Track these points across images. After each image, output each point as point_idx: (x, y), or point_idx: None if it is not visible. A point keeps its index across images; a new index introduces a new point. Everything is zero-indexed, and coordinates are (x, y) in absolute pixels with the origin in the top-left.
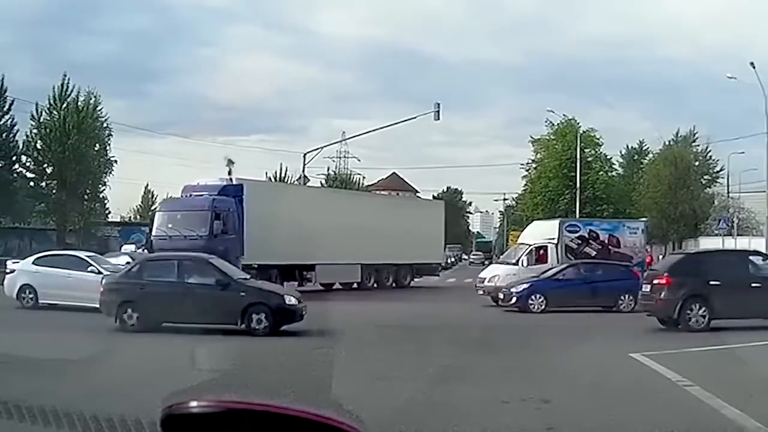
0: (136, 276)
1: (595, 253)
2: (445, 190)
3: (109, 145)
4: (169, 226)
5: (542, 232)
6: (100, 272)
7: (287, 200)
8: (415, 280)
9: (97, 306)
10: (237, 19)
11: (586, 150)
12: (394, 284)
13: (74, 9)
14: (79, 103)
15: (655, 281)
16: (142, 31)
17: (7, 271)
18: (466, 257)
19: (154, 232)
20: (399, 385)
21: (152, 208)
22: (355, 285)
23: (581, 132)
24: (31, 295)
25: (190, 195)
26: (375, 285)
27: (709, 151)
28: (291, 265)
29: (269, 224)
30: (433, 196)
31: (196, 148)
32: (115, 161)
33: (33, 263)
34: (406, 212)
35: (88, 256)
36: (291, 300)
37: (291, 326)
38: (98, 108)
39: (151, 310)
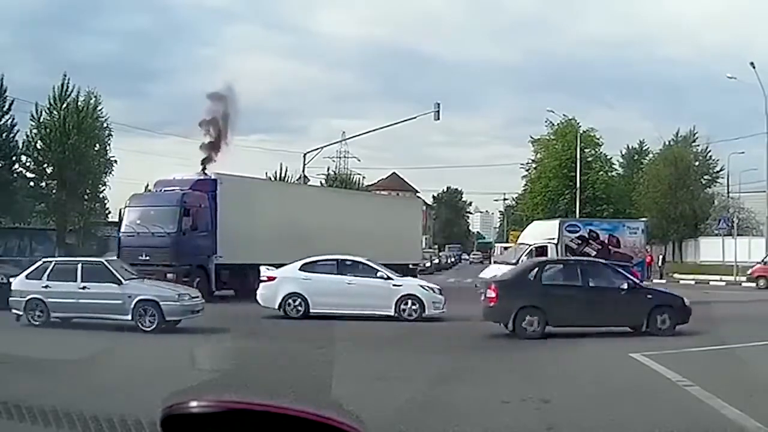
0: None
1: (595, 253)
2: (445, 190)
3: (109, 145)
4: (138, 222)
5: (542, 232)
6: (389, 278)
7: (265, 197)
8: None
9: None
10: (237, 19)
11: (586, 150)
12: None
13: (74, 9)
14: (79, 103)
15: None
16: (142, 31)
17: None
18: (466, 257)
19: (122, 229)
20: (399, 385)
21: None
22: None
23: (581, 132)
24: (300, 306)
25: (161, 190)
26: None
27: (709, 151)
28: (267, 264)
29: (246, 222)
30: (433, 197)
31: (196, 148)
32: (115, 161)
33: (300, 270)
34: (384, 210)
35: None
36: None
37: (290, 327)
38: (98, 108)
39: (555, 313)
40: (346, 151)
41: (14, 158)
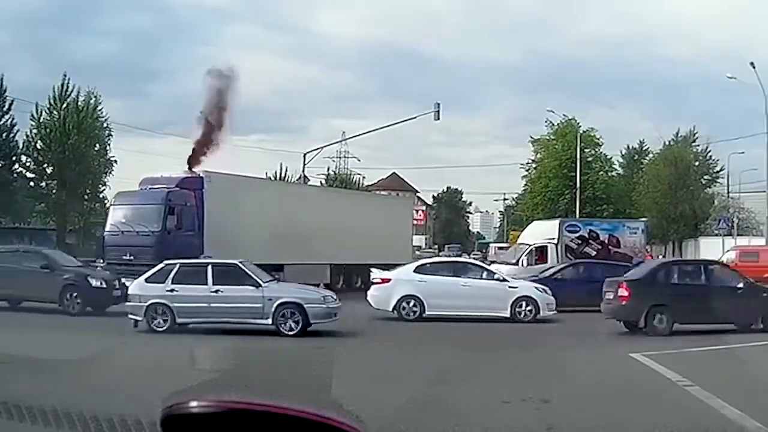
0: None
1: (595, 253)
2: (445, 190)
3: (109, 145)
4: (122, 221)
5: (542, 232)
6: (505, 279)
7: (253, 195)
8: None
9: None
10: (237, 19)
11: (586, 150)
12: (363, 285)
13: (74, 9)
14: (79, 103)
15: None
16: (142, 31)
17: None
18: (466, 257)
19: (107, 228)
20: (399, 385)
21: None
22: (322, 286)
23: (581, 132)
24: (415, 308)
25: (147, 188)
26: (344, 286)
27: (709, 151)
28: (258, 265)
29: (234, 220)
30: (433, 197)
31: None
32: (115, 161)
33: (414, 272)
34: (375, 209)
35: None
36: None
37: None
38: (98, 108)
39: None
40: (346, 151)
41: (14, 158)
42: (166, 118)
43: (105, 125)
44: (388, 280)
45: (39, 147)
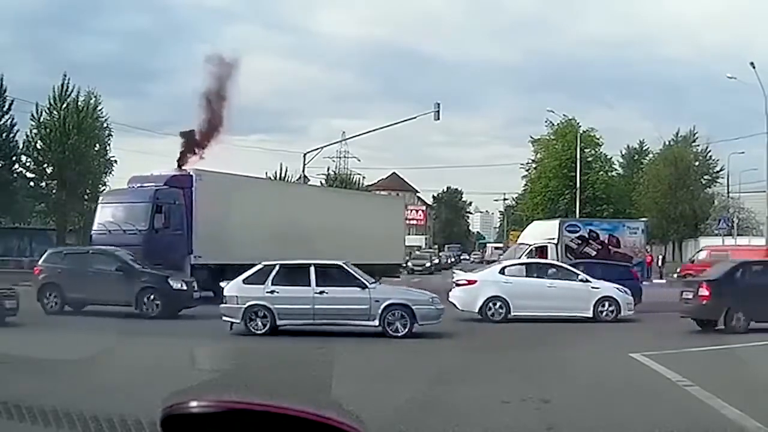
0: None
1: (595, 252)
2: (445, 190)
3: (109, 145)
4: (110, 220)
5: (542, 232)
6: (587, 280)
7: (245, 194)
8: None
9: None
10: (237, 19)
11: (586, 150)
12: None
13: (74, 9)
14: (79, 103)
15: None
16: (142, 31)
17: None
18: (466, 257)
19: (94, 227)
20: (399, 385)
21: None
22: None
23: (581, 132)
24: (501, 309)
25: (135, 186)
26: None
27: (709, 151)
28: (248, 265)
29: (224, 220)
30: (433, 197)
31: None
32: (115, 161)
33: (500, 273)
34: (366, 209)
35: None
36: None
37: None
38: (98, 108)
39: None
40: (346, 151)
41: (14, 158)
42: (166, 118)
43: (105, 125)
44: (474, 282)
45: (39, 147)
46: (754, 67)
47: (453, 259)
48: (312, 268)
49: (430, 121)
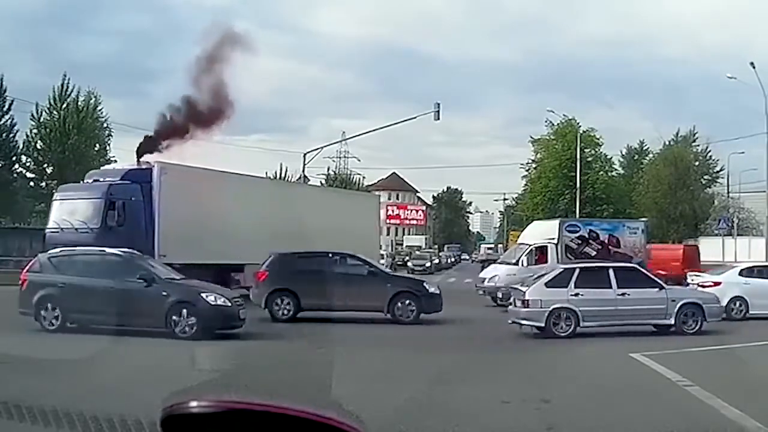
0: None
1: (595, 253)
2: (445, 190)
3: (109, 145)
4: (63, 217)
5: (542, 232)
6: None
7: (213, 189)
8: None
9: None
10: (236, 19)
11: (586, 150)
12: None
13: (74, 9)
14: (79, 103)
15: None
16: (142, 31)
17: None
18: (466, 257)
19: (48, 224)
20: (399, 385)
21: None
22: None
23: (581, 132)
24: (741, 307)
25: (89, 182)
26: None
27: (709, 151)
28: (218, 264)
29: (191, 216)
30: (433, 197)
31: (195, 148)
32: (115, 161)
33: (739, 275)
34: (340, 206)
35: None
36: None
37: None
38: (98, 108)
39: None
40: (346, 151)
41: (14, 158)
42: None
43: (105, 125)
44: (719, 284)
45: (39, 147)
46: (754, 67)
47: (453, 260)
48: (611, 271)
49: (430, 121)
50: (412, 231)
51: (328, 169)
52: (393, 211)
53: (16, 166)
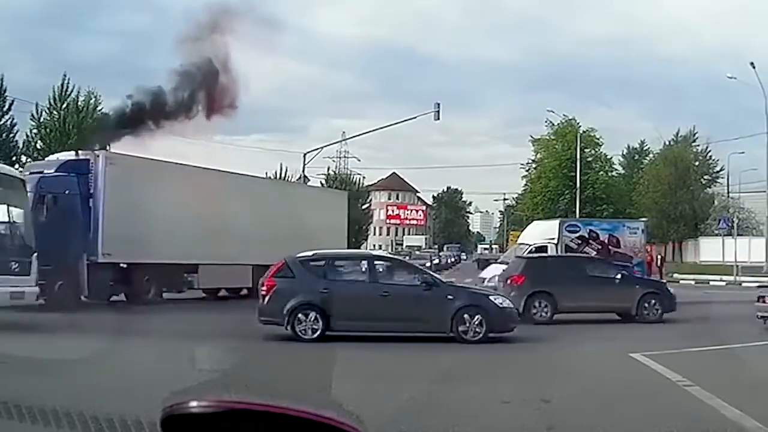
0: None
1: (594, 252)
2: (445, 190)
3: (109, 145)
4: None
5: (542, 231)
6: None
7: (166, 182)
8: None
9: None
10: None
11: (586, 150)
12: None
13: (73, 9)
14: (79, 103)
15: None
16: (142, 31)
17: None
18: (465, 257)
19: None
20: (399, 385)
21: None
22: (245, 291)
23: (581, 132)
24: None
25: (27, 174)
26: None
27: (709, 151)
28: (169, 264)
29: (140, 212)
30: (433, 197)
31: (195, 148)
32: None
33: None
34: (306, 203)
35: None
36: None
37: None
38: (98, 108)
39: None
40: (346, 151)
41: (14, 158)
42: None
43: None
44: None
45: (39, 147)
46: (754, 67)
47: (453, 259)
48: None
49: (430, 121)
50: (412, 231)
51: (328, 169)
52: (393, 211)
53: (16, 166)
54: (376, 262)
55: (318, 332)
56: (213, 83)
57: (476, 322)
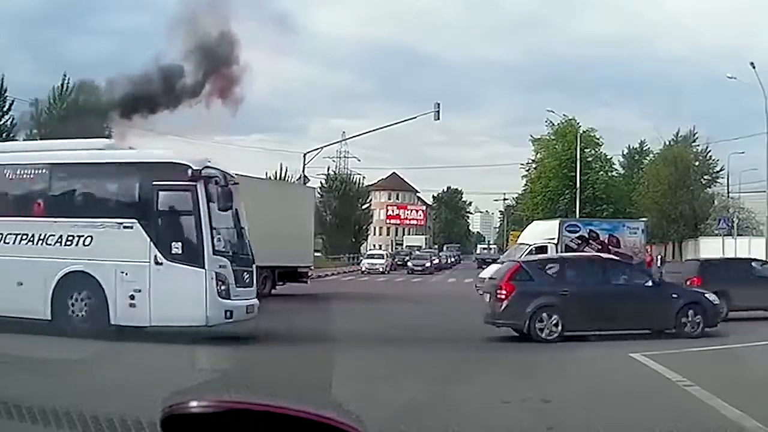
0: None
1: (594, 252)
2: (445, 190)
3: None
4: None
5: (542, 231)
6: None
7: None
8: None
9: None
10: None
11: (586, 150)
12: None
13: (73, 8)
14: (80, 103)
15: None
16: (141, 31)
17: None
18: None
19: None
20: (399, 385)
21: None
22: None
23: (581, 132)
24: None
25: None
26: None
27: (709, 151)
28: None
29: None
30: (433, 197)
31: (195, 148)
32: None
33: None
34: (266, 199)
35: None
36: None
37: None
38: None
39: None
40: (346, 151)
41: None
42: None
43: (105, 126)
44: None
45: None
46: (754, 67)
47: (453, 259)
48: None
49: (430, 120)
50: (412, 231)
51: (328, 169)
52: (393, 211)
53: None
54: (607, 265)
55: (557, 333)
56: (219, 59)
57: (696, 319)
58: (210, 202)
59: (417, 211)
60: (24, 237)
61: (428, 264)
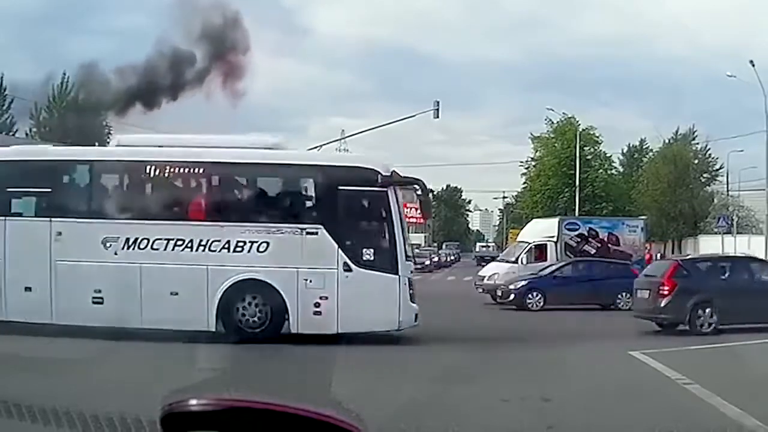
0: None
1: (594, 251)
2: (445, 188)
3: (108, 143)
4: None
5: (542, 230)
6: None
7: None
8: None
9: None
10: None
11: (585, 148)
12: None
13: (72, 8)
14: (79, 102)
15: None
16: (141, 30)
17: None
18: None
19: None
20: (399, 384)
21: None
22: None
23: (581, 130)
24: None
25: None
26: None
27: (709, 149)
28: None
29: None
30: (433, 195)
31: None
32: None
33: None
34: None
35: None
36: None
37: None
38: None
39: None
40: (346, 150)
41: None
42: None
43: (105, 123)
44: None
45: None
46: (753, 66)
47: (453, 258)
48: None
49: (430, 119)
50: (412, 229)
51: None
52: None
53: None
54: (751, 264)
55: (713, 326)
56: (227, 45)
57: None
58: (399, 208)
59: (416, 209)
60: (180, 243)
61: (427, 262)
